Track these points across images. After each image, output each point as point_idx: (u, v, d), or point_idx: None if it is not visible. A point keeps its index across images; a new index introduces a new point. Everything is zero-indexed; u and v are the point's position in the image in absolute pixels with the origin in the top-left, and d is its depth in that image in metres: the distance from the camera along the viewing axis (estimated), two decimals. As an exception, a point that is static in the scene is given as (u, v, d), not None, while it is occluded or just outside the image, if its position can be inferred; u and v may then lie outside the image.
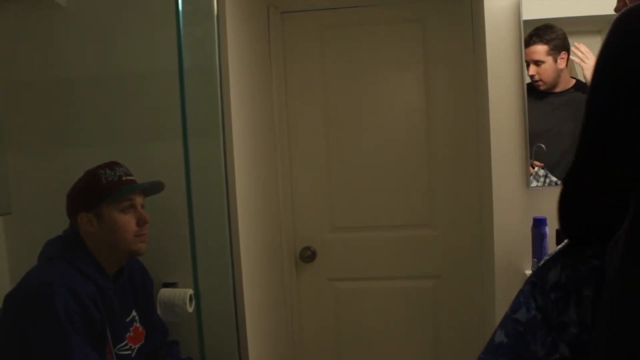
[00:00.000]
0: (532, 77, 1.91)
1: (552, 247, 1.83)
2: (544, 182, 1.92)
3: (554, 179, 1.92)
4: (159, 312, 1.71)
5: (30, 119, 1.83)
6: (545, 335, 1.01)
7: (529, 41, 1.90)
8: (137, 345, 1.53)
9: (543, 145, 1.92)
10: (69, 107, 1.81)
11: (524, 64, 1.90)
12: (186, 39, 1.41)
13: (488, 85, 1.92)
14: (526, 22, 1.89)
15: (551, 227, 1.83)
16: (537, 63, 1.90)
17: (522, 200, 1.92)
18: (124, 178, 1.48)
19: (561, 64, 1.89)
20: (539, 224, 1.83)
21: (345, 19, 2.37)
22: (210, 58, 1.69)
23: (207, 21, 1.67)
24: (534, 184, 1.92)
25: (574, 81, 1.93)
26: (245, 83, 1.93)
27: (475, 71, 2.24)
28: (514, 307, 1.06)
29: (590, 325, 0.98)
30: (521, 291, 1.07)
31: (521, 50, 1.90)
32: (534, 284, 1.04)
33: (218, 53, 1.70)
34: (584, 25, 1.88)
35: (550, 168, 1.92)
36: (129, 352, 1.49)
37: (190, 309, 1.72)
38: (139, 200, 1.51)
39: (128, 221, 1.47)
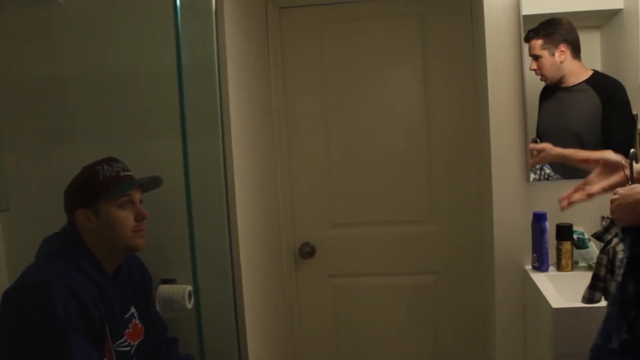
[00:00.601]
0: (535, 72, 1.91)
1: (552, 242, 1.83)
2: (540, 175, 1.92)
3: (548, 171, 1.91)
4: (158, 308, 1.70)
5: (29, 116, 1.82)
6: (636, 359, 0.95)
7: (527, 37, 1.90)
8: (136, 342, 1.52)
9: (538, 139, 1.91)
10: (67, 105, 1.81)
11: (524, 60, 1.89)
12: (184, 35, 1.40)
13: (488, 80, 1.92)
14: (526, 17, 1.88)
15: (551, 222, 1.83)
16: (536, 57, 1.89)
17: (522, 195, 1.92)
18: (121, 174, 1.47)
19: (560, 57, 1.88)
20: (539, 219, 1.83)
21: (344, 15, 2.36)
22: (209, 54, 1.68)
23: (205, 17, 1.66)
24: (531, 176, 1.92)
25: (589, 73, 1.88)
26: (244, 79, 1.93)
27: (474, 67, 2.24)
28: (605, 335, 1.00)
29: None
30: (610, 315, 1.01)
31: (521, 46, 1.89)
32: (622, 303, 0.99)
33: (217, 49, 1.70)
34: (584, 20, 1.87)
35: (555, 164, 1.91)
36: (128, 348, 1.48)
37: (190, 305, 1.72)
38: (137, 195, 1.50)
39: (126, 217, 1.46)
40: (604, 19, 1.88)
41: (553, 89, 1.92)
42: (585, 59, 1.88)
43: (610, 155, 1.24)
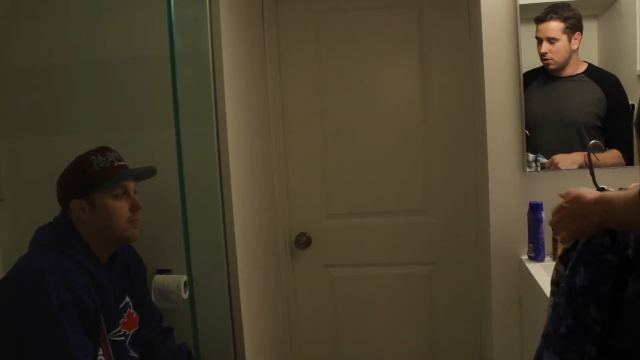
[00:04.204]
0: (543, 55, 1.86)
1: (548, 232, 1.83)
2: (536, 166, 1.91)
3: (544, 160, 1.90)
4: (153, 298, 1.70)
5: (22, 105, 1.81)
6: (578, 341, 1.00)
7: (545, 17, 1.84)
8: (131, 331, 1.52)
9: (527, 131, 1.89)
10: (60, 94, 1.80)
11: (521, 50, 1.87)
12: (178, 22, 1.39)
13: (484, 70, 1.90)
14: (522, 6, 1.86)
15: (547, 212, 1.82)
16: (551, 41, 1.85)
17: (518, 185, 1.91)
18: (115, 164, 1.46)
19: (574, 44, 1.85)
20: (535, 209, 1.83)
21: (341, 4, 2.34)
22: (203, 41, 1.67)
23: (199, 3, 1.64)
24: (527, 169, 1.91)
25: (585, 65, 1.87)
26: (239, 67, 1.91)
27: (471, 56, 2.22)
28: (556, 323, 1.03)
29: (611, 321, 0.97)
30: (559, 305, 1.04)
31: (517, 35, 1.87)
32: (569, 293, 1.03)
33: (211, 36, 1.68)
34: (581, 9, 1.86)
35: (548, 155, 1.91)
36: (123, 338, 1.48)
37: (185, 296, 1.72)
38: (131, 185, 1.49)
39: (121, 207, 1.45)
40: (602, 8, 1.87)
41: (545, 77, 1.89)
42: (582, 48, 1.87)
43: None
